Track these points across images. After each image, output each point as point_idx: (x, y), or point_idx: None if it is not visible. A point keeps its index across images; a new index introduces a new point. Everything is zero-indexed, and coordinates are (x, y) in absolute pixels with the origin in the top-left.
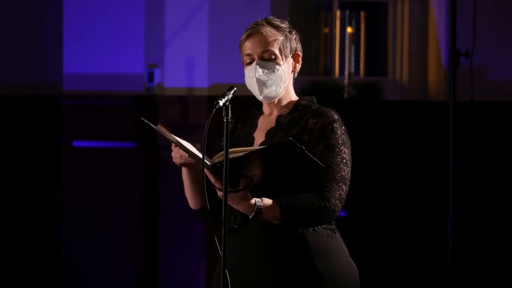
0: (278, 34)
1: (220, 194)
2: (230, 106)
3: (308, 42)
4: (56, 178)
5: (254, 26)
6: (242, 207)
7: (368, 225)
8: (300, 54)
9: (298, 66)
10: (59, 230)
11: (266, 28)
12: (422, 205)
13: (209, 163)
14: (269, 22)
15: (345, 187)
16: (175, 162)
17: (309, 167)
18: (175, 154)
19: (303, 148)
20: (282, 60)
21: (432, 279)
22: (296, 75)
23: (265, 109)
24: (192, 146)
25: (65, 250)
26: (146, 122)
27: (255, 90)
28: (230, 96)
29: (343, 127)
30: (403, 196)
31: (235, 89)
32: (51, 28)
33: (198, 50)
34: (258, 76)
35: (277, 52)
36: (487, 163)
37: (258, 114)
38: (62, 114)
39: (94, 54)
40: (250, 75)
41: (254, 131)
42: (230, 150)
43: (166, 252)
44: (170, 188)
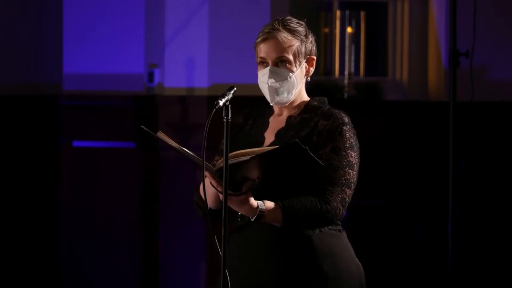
0: (293, 39)
1: (222, 197)
2: (230, 106)
3: None
4: (56, 178)
5: (270, 30)
6: (244, 210)
7: (368, 225)
8: (314, 57)
9: (312, 70)
10: (59, 230)
11: (282, 33)
12: (422, 205)
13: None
14: (286, 25)
15: (348, 191)
16: (219, 190)
17: (312, 169)
18: (214, 183)
19: (307, 149)
20: (296, 66)
21: (432, 279)
22: (309, 79)
23: (275, 108)
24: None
25: (65, 250)
26: (146, 130)
27: (267, 96)
28: (230, 96)
29: (353, 130)
30: (403, 196)
31: (235, 89)
32: (51, 28)
33: (198, 50)
34: (270, 83)
35: (291, 58)
36: (487, 163)
37: (269, 113)
38: (62, 114)
39: (94, 54)
40: (263, 80)
41: (265, 131)
42: (236, 152)
43: (166, 252)
44: (170, 188)
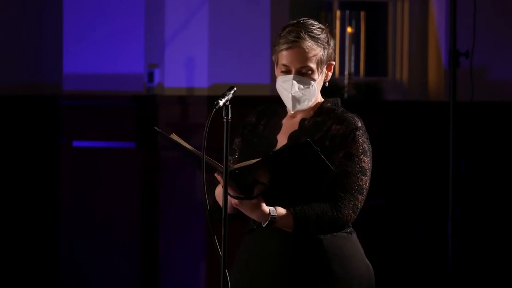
0: (317, 48)
1: (234, 201)
2: (230, 106)
3: None
4: (56, 178)
5: (296, 39)
6: (255, 215)
7: (368, 225)
8: (333, 63)
9: (330, 74)
10: (59, 230)
11: (307, 42)
12: (422, 205)
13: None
14: (309, 32)
15: (361, 197)
16: (230, 193)
17: (323, 172)
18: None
19: (318, 150)
20: (318, 74)
21: (432, 279)
22: (327, 84)
23: (289, 109)
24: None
25: (65, 250)
26: (159, 131)
27: (288, 104)
28: (230, 96)
29: (366, 135)
30: (403, 196)
31: (235, 89)
32: (51, 28)
33: (198, 50)
34: (294, 93)
35: (314, 67)
36: (487, 163)
37: (283, 114)
38: (62, 114)
39: (94, 54)
40: (285, 88)
41: (278, 133)
42: (246, 162)
43: (166, 252)
44: (170, 188)
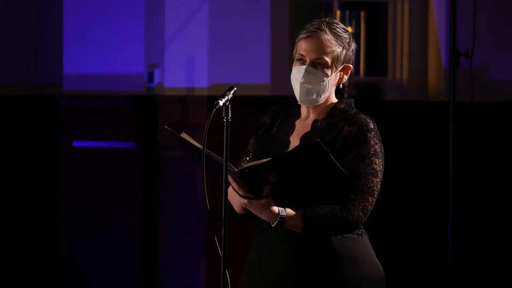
0: (336, 44)
1: (243, 201)
2: (230, 106)
3: None
4: (56, 178)
5: (316, 30)
6: (265, 215)
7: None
8: (351, 67)
9: (346, 78)
10: (59, 230)
11: (327, 36)
12: (422, 205)
13: (236, 170)
14: (332, 29)
15: (371, 199)
16: (240, 194)
17: (333, 173)
18: (235, 186)
19: (328, 151)
20: (332, 71)
21: (432, 279)
22: (341, 86)
23: (303, 110)
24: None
25: (65, 250)
26: (170, 130)
27: (296, 93)
28: (230, 96)
29: (378, 137)
30: (403, 196)
31: (235, 89)
32: (51, 28)
33: (198, 50)
34: (303, 82)
35: (329, 62)
36: (487, 163)
37: (296, 115)
38: (62, 114)
39: (94, 54)
40: (297, 77)
41: (291, 134)
42: (256, 162)
43: (166, 252)
44: (170, 188)
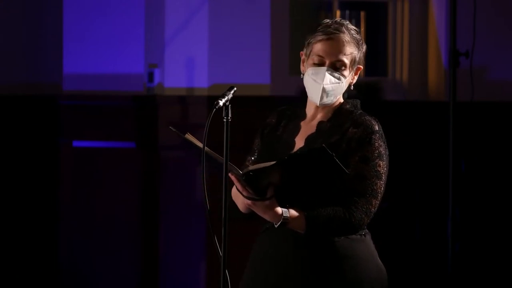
0: (354, 46)
1: (247, 202)
2: (230, 106)
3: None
4: (56, 178)
5: (336, 31)
6: (268, 216)
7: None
8: (361, 68)
9: (356, 78)
10: (59, 230)
11: (347, 37)
12: (422, 205)
13: (241, 172)
14: (349, 30)
15: (375, 201)
16: (243, 195)
17: (338, 176)
18: (239, 187)
19: (334, 155)
20: (349, 72)
21: (432, 279)
22: (352, 87)
23: (308, 111)
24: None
25: (65, 250)
26: (174, 130)
27: (316, 96)
28: (230, 96)
29: (383, 139)
30: (403, 196)
31: (235, 89)
32: (51, 28)
33: (198, 50)
34: (325, 84)
35: (348, 63)
36: (487, 163)
37: (302, 116)
38: (62, 114)
39: (94, 54)
40: (317, 80)
41: (296, 135)
42: (263, 164)
43: (166, 252)
44: (170, 188)
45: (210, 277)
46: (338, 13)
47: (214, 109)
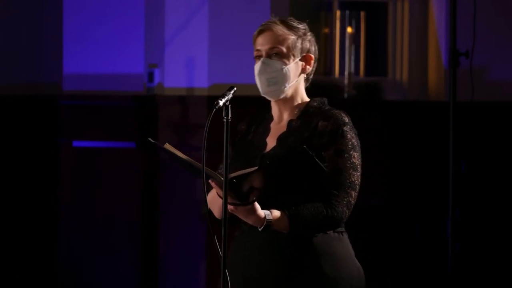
0: (289, 33)
1: (229, 207)
2: (230, 106)
3: None
4: (56, 178)
5: (267, 23)
6: (251, 220)
7: (368, 225)
8: (312, 56)
9: (309, 68)
10: (59, 230)
11: (278, 26)
12: (422, 205)
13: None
14: (283, 21)
15: (354, 193)
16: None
17: (317, 174)
18: (221, 193)
19: (314, 155)
20: (290, 59)
21: (432, 279)
22: (310, 78)
23: (274, 111)
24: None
25: (65, 250)
26: (153, 142)
27: (260, 86)
28: (230, 96)
29: (354, 130)
30: (403, 196)
31: (235, 89)
32: (51, 28)
33: (198, 50)
34: (261, 73)
35: (284, 50)
36: (487, 163)
37: (271, 119)
38: (62, 114)
39: (94, 54)
40: (256, 72)
41: (267, 137)
42: (243, 171)
43: (166, 252)
44: (170, 188)
45: (210, 277)
46: (338, 13)
47: (214, 109)
